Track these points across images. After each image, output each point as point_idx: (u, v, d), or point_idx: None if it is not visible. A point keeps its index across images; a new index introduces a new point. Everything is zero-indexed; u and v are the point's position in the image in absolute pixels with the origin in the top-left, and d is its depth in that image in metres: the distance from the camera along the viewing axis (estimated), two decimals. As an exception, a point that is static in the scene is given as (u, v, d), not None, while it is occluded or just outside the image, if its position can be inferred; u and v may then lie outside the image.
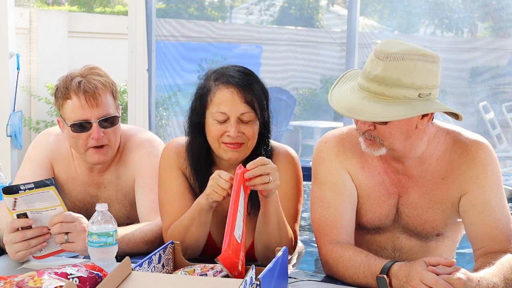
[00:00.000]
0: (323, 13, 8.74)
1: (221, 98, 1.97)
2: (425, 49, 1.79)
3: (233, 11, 8.18)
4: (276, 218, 1.91)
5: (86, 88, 2.16)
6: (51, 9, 10.39)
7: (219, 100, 1.97)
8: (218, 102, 1.97)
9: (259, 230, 1.94)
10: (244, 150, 2.01)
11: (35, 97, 7.60)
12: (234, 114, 1.96)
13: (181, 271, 1.75)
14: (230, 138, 1.96)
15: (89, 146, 2.20)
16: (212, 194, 1.85)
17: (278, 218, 1.92)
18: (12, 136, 4.31)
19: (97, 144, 2.19)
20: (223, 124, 1.97)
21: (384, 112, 1.74)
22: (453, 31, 6.36)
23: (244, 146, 2.00)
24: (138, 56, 4.51)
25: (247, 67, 2.08)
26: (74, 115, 2.18)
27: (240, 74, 2.00)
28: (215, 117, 1.98)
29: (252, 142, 2.01)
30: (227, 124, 1.97)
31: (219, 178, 1.83)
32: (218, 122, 1.98)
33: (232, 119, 1.96)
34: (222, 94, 1.97)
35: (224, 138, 1.98)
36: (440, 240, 2.03)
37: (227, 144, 1.98)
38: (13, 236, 1.89)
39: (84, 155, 2.24)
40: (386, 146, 1.85)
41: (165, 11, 6.40)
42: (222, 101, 1.97)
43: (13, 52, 4.32)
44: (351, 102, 1.80)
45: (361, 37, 5.43)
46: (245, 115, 1.97)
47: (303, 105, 7.94)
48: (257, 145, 2.06)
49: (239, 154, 2.00)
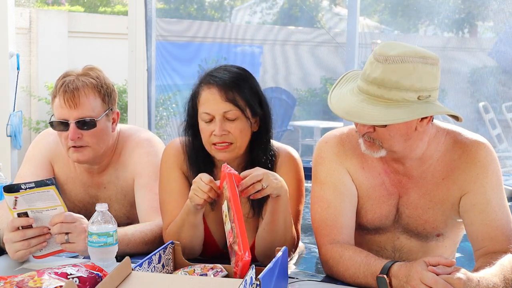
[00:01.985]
0: (324, 13, 8.75)
1: (204, 99, 2.00)
2: (425, 51, 1.78)
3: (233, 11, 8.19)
4: (284, 217, 1.91)
5: (67, 88, 2.17)
6: (51, 9, 10.40)
7: (203, 101, 2.01)
8: (203, 102, 2.01)
9: (265, 228, 1.94)
10: (234, 149, 2.01)
11: (35, 97, 7.60)
12: (217, 113, 1.98)
13: (181, 271, 1.75)
14: (217, 138, 1.98)
15: (69, 146, 2.21)
16: (193, 198, 1.86)
17: (286, 216, 1.92)
18: (12, 136, 4.30)
19: (75, 144, 2.20)
20: (210, 124, 2.00)
21: (383, 115, 1.74)
22: (453, 31, 6.36)
23: (234, 146, 2.00)
24: (138, 56, 4.51)
25: (242, 67, 2.08)
26: (56, 113, 2.20)
27: (225, 73, 2.02)
28: (202, 118, 2.01)
29: (241, 141, 2.01)
30: (213, 124, 1.99)
31: (200, 181, 1.84)
32: (205, 122, 2.00)
33: (217, 118, 1.98)
34: (205, 95, 2.01)
35: (212, 139, 1.99)
36: (440, 240, 2.03)
37: (215, 145, 1.99)
38: (13, 235, 1.89)
39: (68, 153, 2.25)
40: (385, 148, 1.85)
41: (165, 11, 6.41)
42: (205, 102, 2.00)
43: (13, 52, 4.32)
44: (350, 105, 1.80)
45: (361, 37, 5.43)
46: (228, 113, 1.98)
47: (303, 105, 7.94)
48: (255, 145, 2.06)
49: (229, 154, 2.01)
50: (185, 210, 1.94)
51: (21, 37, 7.40)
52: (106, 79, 2.27)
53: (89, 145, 2.21)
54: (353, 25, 4.92)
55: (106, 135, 2.26)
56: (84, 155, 2.23)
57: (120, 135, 2.38)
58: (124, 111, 5.32)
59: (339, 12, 8.70)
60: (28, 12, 7.81)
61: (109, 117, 2.27)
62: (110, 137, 2.29)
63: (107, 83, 2.26)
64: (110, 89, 2.27)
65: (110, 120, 2.28)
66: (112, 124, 2.30)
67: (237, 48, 6.82)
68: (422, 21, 6.43)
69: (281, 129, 7.29)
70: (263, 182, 1.81)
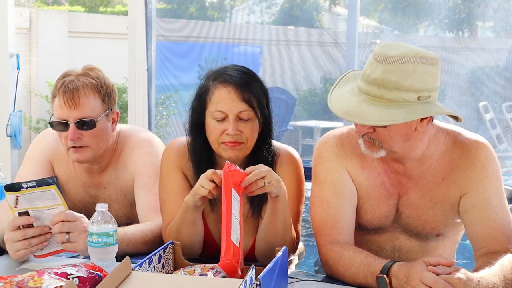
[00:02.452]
0: (324, 13, 8.74)
1: (219, 97, 1.98)
2: (425, 51, 1.78)
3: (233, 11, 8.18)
4: (283, 218, 1.91)
5: (66, 88, 2.17)
6: (51, 9, 10.40)
7: (217, 99, 1.98)
8: (216, 101, 1.98)
9: (265, 229, 1.94)
10: (243, 149, 2.01)
11: (35, 95, 7.60)
12: (232, 112, 1.97)
13: (181, 271, 1.75)
14: (229, 137, 1.97)
15: (69, 146, 2.21)
16: (198, 189, 1.85)
17: (285, 217, 1.92)
18: (12, 136, 4.30)
19: (74, 144, 2.20)
20: (222, 123, 1.98)
21: (383, 115, 1.74)
22: (453, 31, 6.36)
23: (243, 145, 2.00)
24: (138, 56, 4.51)
25: (247, 67, 2.08)
26: (56, 113, 2.20)
27: (239, 73, 2.01)
28: (214, 116, 1.99)
29: (251, 141, 2.02)
30: (226, 123, 1.97)
31: (207, 173, 1.85)
32: (217, 121, 1.98)
33: (231, 117, 1.97)
34: (220, 93, 1.98)
35: (223, 137, 1.98)
36: (440, 240, 2.03)
37: (226, 143, 1.98)
38: (14, 234, 1.89)
39: (67, 153, 2.25)
40: (385, 148, 1.85)
41: (165, 11, 6.41)
42: (220, 100, 1.98)
43: (13, 52, 4.32)
44: (350, 105, 1.80)
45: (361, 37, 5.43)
46: (243, 113, 1.98)
47: (303, 105, 7.94)
48: (259, 145, 2.06)
49: (239, 152, 2.00)
50: (183, 207, 1.93)
51: (21, 37, 7.40)
52: (106, 79, 2.27)
53: (88, 145, 2.21)
54: (353, 25, 4.92)
55: (106, 135, 2.26)
56: (84, 155, 2.23)
57: (120, 135, 2.38)
58: (124, 111, 5.32)
59: (339, 12, 8.70)
60: (28, 12, 7.81)
61: (109, 117, 2.27)
62: (110, 137, 2.29)
63: (107, 83, 2.26)
64: (110, 89, 2.27)
65: (110, 120, 2.28)
66: (112, 124, 2.30)
67: (237, 48, 6.82)
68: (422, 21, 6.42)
69: (281, 129, 7.28)
70: (266, 179, 1.80)
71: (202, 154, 2.08)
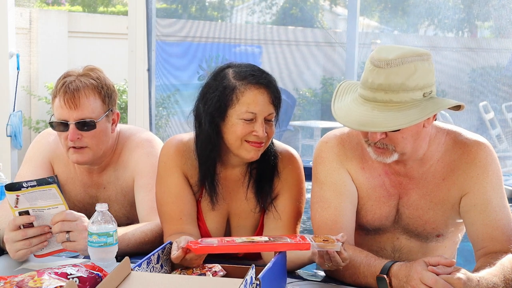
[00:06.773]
0: (324, 13, 8.75)
1: (251, 98, 1.94)
2: (418, 48, 1.79)
3: (233, 11, 8.18)
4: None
5: (67, 89, 2.16)
6: (51, 9, 10.40)
7: (249, 100, 1.94)
8: (248, 102, 1.94)
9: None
10: (263, 149, 2.01)
11: (35, 96, 7.60)
12: (262, 115, 1.95)
13: (179, 271, 1.75)
14: (256, 138, 1.96)
15: (69, 146, 2.21)
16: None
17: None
18: (12, 136, 4.31)
19: (74, 145, 2.20)
20: (250, 123, 1.95)
21: (398, 119, 1.73)
22: (453, 31, 6.37)
23: (264, 145, 2.01)
24: (138, 56, 4.51)
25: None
26: (56, 114, 2.20)
27: (263, 74, 2.00)
28: (242, 117, 1.95)
29: (269, 141, 2.03)
30: (254, 124, 1.95)
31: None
32: (245, 121, 1.95)
33: (260, 119, 1.95)
34: (252, 94, 1.95)
35: (249, 137, 1.96)
36: (440, 240, 2.03)
37: (252, 143, 1.96)
38: (14, 234, 1.89)
39: (67, 154, 2.25)
40: (398, 151, 1.84)
41: (165, 11, 6.41)
42: (253, 101, 1.94)
43: (13, 52, 4.32)
44: (362, 116, 1.77)
45: (361, 37, 5.44)
46: (270, 116, 1.98)
47: (303, 105, 7.94)
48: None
49: (260, 152, 2.00)
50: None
51: (21, 37, 7.40)
52: (106, 80, 2.27)
53: (88, 146, 2.21)
54: (353, 25, 4.93)
55: (106, 136, 2.26)
56: (84, 156, 2.22)
57: (120, 136, 2.38)
58: (124, 111, 5.33)
59: (339, 12, 8.70)
60: (28, 12, 7.80)
61: (109, 118, 2.27)
62: (109, 138, 2.29)
63: (108, 84, 2.26)
64: (111, 90, 2.27)
65: (110, 121, 2.28)
66: (112, 125, 2.30)
67: (237, 48, 6.82)
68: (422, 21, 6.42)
69: (281, 129, 7.28)
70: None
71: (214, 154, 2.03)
